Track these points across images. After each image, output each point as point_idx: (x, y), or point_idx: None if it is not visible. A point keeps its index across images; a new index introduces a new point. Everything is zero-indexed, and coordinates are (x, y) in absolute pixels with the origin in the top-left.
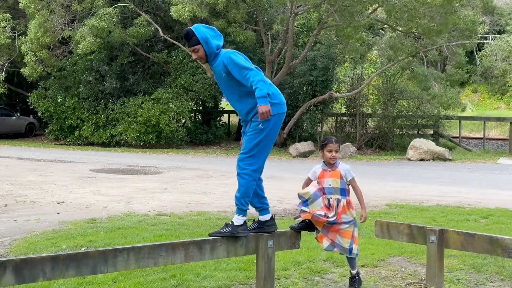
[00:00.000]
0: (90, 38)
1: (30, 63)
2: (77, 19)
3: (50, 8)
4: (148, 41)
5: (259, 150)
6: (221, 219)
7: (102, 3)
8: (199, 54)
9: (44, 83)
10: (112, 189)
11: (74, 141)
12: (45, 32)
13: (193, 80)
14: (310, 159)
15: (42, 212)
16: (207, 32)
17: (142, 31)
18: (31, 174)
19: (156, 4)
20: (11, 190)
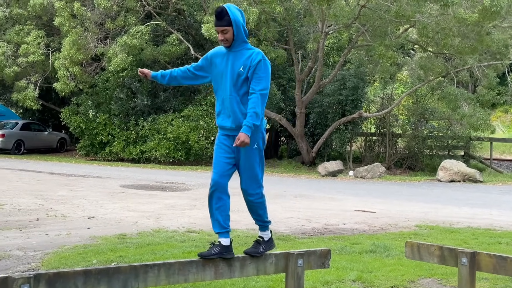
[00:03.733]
0: (122, 55)
1: (62, 78)
2: (110, 36)
3: (84, 26)
4: (179, 59)
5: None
6: (250, 237)
7: (135, 21)
8: (227, 36)
9: (76, 99)
10: (142, 205)
11: (104, 156)
12: (79, 49)
13: None
14: (339, 179)
15: (73, 226)
16: (239, 15)
17: (174, 49)
18: (63, 189)
19: (187, 23)
20: (43, 205)
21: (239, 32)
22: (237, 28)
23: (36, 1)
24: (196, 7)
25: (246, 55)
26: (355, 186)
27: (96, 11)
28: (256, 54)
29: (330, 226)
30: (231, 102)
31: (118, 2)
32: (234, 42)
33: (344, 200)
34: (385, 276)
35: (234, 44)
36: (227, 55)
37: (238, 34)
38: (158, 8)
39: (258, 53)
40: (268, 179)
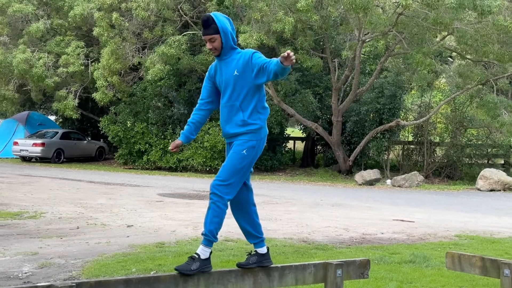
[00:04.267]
0: (159, 65)
1: (101, 88)
2: (147, 46)
3: (122, 36)
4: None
5: (239, 178)
6: (288, 246)
7: (172, 31)
8: (215, 44)
9: (115, 108)
10: (180, 214)
11: (142, 165)
12: (117, 59)
13: None
14: (376, 187)
15: (112, 235)
16: (226, 22)
17: (210, 59)
18: (102, 197)
19: None
20: (83, 213)
21: (228, 39)
22: (225, 35)
23: (76, 12)
24: (232, 16)
25: (235, 59)
26: (392, 195)
27: (134, 21)
28: (246, 52)
29: (368, 235)
30: (230, 109)
31: (155, 13)
32: (223, 50)
33: (382, 209)
34: (425, 286)
35: (223, 52)
36: (219, 66)
37: (226, 42)
38: (195, 17)
39: (248, 50)
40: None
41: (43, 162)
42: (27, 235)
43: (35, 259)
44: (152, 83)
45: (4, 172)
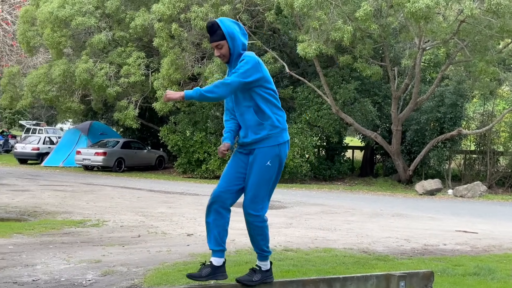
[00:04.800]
0: (218, 74)
1: (161, 98)
2: (206, 56)
3: (182, 46)
4: (274, 77)
5: (268, 190)
6: (347, 256)
7: None
8: (222, 51)
9: (174, 118)
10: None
11: (201, 174)
12: (177, 69)
13: (318, 115)
14: (438, 198)
15: (173, 243)
16: (234, 27)
17: (269, 68)
18: (162, 206)
19: (282, 41)
20: (144, 222)
21: (236, 45)
22: (233, 41)
23: (137, 23)
24: (291, 25)
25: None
26: (454, 205)
27: (193, 31)
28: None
29: (430, 246)
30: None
31: None
32: (231, 57)
33: (443, 219)
34: None
35: (232, 59)
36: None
37: (234, 48)
38: (253, 27)
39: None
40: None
41: (105, 171)
42: (90, 243)
43: (98, 267)
44: None
45: (67, 181)
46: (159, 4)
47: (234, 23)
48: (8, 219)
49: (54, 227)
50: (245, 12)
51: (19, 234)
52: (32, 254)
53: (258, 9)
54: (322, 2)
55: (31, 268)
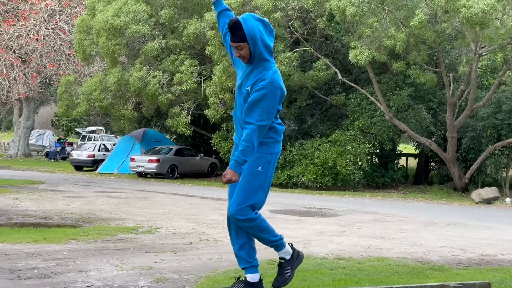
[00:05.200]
0: None
1: (213, 105)
2: None
3: None
4: (326, 84)
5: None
6: (401, 266)
7: (283, 48)
8: (242, 52)
9: (226, 125)
10: (290, 231)
11: None
12: (228, 77)
13: (371, 122)
14: (495, 206)
15: (224, 251)
16: (257, 27)
17: (321, 75)
18: (214, 213)
19: (335, 48)
20: (196, 228)
21: (258, 48)
22: (254, 43)
23: (189, 31)
24: (343, 31)
25: (259, 74)
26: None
27: None
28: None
29: (487, 256)
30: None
31: None
32: (252, 59)
33: (501, 229)
34: None
35: (253, 61)
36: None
37: (255, 51)
38: (305, 34)
39: (269, 77)
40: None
41: (158, 177)
42: (143, 250)
43: (150, 274)
44: None
45: (121, 188)
46: (211, 12)
47: (260, 21)
48: (63, 225)
49: (108, 233)
50: (298, 19)
51: (74, 240)
52: (86, 260)
53: (310, 15)
54: (374, 9)
55: (85, 274)
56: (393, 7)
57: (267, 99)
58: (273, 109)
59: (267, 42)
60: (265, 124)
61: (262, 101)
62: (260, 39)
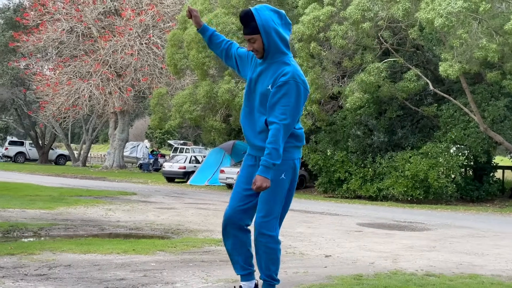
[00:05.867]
0: (358, 93)
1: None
2: (347, 75)
3: (323, 66)
4: (417, 95)
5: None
6: (495, 284)
7: (372, 58)
8: (255, 46)
9: (315, 137)
10: (379, 245)
11: (342, 194)
12: (317, 88)
13: (464, 134)
14: None
15: (310, 264)
16: (271, 18)
17: (411, 86)
18: (301, 226)
19: (426, 58)
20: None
21: (271, 40)
22: (267, 35)
23: None
24: (435, 41)
25: (278, 70)
26: None
27: (333, 50)
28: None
29: None
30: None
31: (354, 41)
32: (266, 54)
33: None
34: None
35: (268, 56)
36: (260, 66)
37: (269, 43)
38: (395, 44)
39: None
40: None
41: None
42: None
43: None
44: (352, 112)
45: (211, 199)
46: (299, 24)
47: (274, 12)
48: (152, 236)
49: (195, 245)
50: (387, 29)
51: (162, 251)
52: (173, 271)
53: (400, 25)
54: (463, 20)
55: (171, 286)
56: (486, 16)
57: (290, 95)
58: (297, 106)
59: (283, 34)
60: (289, 122)
61: (284, 98)
62: (275, 31)
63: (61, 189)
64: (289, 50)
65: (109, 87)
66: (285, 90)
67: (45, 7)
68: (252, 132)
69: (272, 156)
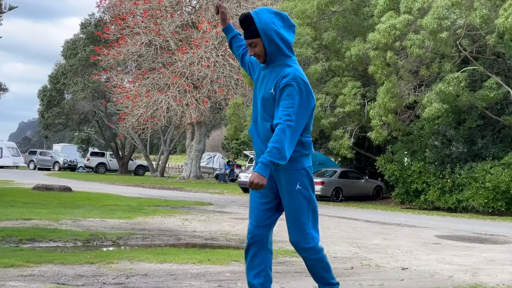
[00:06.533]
0: (437, 104)
1: (376, 127)
2: (424, 84)
3: (399, 75)
4: (498, 104)
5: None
6: None
7: (450, 67)
8: (256, 50)
9: (392, 147)
10: (458, 258)
11: (419, 205)
12: (392, 97)
13: None
14: None
15: (386, 277)
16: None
17: (492, 94)
18: (377, 238)
19: (507, 66)
20: (357, 253)
21: (273, 44)
22: (269, 39)
23: (352, 52)
24: None
25: (280, 73)
26: None
27: (409, 59)
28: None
29: None
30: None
31: (432, 49)
32: (268, 58)
33: None
34: None
35: (270, 60)
36: (263, 70)
37: (271, 47)
38: (474, 52)
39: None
40: None
41: (322, 200)
42: (302, 273)
43: None
44: (429, 121)
45: None
46: (375, 33)
47: (275, 14)
48: (227, 246)
49: None
50: (466, 37)
51: (237, 261)
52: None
53: (479, 33)
54: None
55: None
56: None
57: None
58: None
59: (285, 36)
60: (294, 124)
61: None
62: (276, 34)
63: (140, 199)
64: (293, 53)
65: (186, 98)
66: (288, 92)
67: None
68: (259, 140)
69: (272, 154)
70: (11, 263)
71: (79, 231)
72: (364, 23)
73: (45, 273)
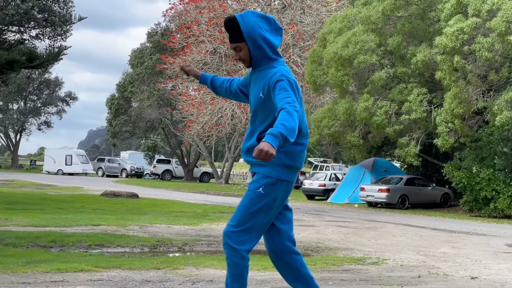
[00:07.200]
0: (507, 112)
1: (442, 134)
2: (493, 88)
3: (467, 79)
4: None
5: (257, 223)
6: None
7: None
8: (241, 54)
9: (459, 154)
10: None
11: (489, 213)
12: (460, 103)
13: None
14: None
15: (455, 286)
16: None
17: None
18: (445, 246)
19: None
20: (425, 262)
21: (258, 48)
22: (253, 42)
23: (418, 58)
24: None
25: (266, 75)
26: None
27: (477, 63)
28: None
29: None
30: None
31: (501, 53)
32: (253, 62)
33: None
34: None
35: (256, 64)
36: (251, 76)
37: (256, 51)
38: None
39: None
40: None
41: (388, 207)
42: (369, 281)
43: None
44: (499, 127)
45: (351, 217)
46: (442, 37)
47: (261, 17)
48: None
49: (335, 263)
50: None
51: None
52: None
53: None
54: None
55: None
56: None
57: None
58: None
59: (270, 39)
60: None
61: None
62: (261, 37)
63: (205, 206)
64: (279, 55)
65: None
66: (280, 86)
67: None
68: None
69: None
70: (80, 267)
71: (146, 237)
72: (430, 28)
73: (113, 278)
